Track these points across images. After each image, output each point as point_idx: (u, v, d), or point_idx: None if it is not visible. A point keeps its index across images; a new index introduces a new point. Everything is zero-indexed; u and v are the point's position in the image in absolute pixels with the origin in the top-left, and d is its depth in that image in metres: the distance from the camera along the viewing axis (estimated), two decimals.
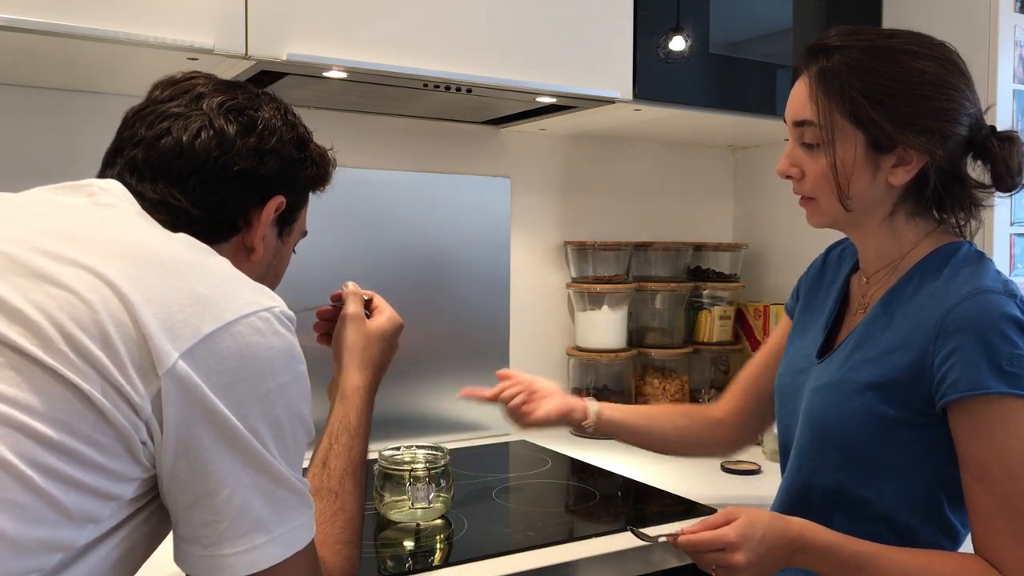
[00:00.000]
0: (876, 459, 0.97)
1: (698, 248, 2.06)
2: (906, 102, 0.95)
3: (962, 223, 1.03)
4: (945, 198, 1.01)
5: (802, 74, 1.02)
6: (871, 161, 0.98)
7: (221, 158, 0.79)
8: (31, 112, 1.42)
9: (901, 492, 0.97)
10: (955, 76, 0.98)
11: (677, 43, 1.54)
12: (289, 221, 0.89)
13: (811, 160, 1.01)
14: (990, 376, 0.88)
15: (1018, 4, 1.65)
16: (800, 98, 1.01)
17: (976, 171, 1.03)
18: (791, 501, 1.07)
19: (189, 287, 0.66)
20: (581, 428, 1.27)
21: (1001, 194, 1.02)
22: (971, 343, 0.89)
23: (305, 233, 0.95)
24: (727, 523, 0.95)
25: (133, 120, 0.82)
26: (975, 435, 0.90)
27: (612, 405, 1.31)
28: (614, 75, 1.50)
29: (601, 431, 1.28)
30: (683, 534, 0.97)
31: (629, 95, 1.52)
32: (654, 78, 1.54)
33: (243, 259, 0.84)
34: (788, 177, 1.05)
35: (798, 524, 0.95)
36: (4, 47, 1.15)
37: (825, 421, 1.01)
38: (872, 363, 0.98)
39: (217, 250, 0.77)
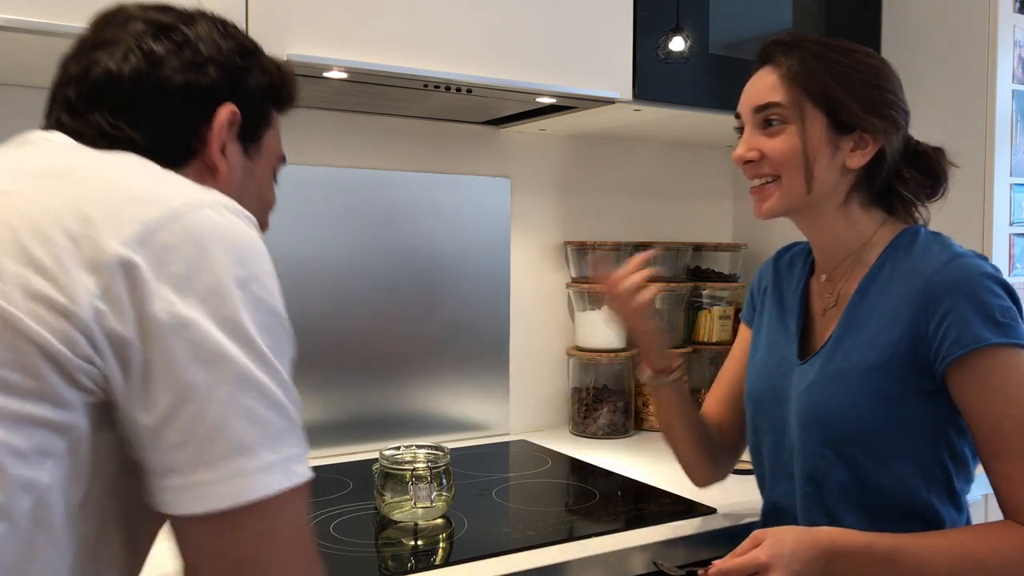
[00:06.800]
0: (888, 442, 0.98)
1: (698, 248, 2.06)
2: (866, 88, 1.02)
3: (915, 212, 1.08)
4: (892, 188, 1.07)
5: (761, 67, 1.08)
6: (831, 142, 1.02)
7: (153, 76, 0.73)
8: (30, 112, 1.41)
9: (917, 472, 0.98)
10: (895, 78, 1.06)
11: (677, 43, 1.54)
12: (253, 137, 0.82)
13: (772, 142, 1.04)
14: (986, 328, 0.92)
15: (1018, 4, 1.66)
16: (764, 84, 1.06)
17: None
18: (804, 504, 1.06)
19: (127, 186, 0.62)
20: (660, 373, 1.17)
21: (927, 202, 1.08)
22: (962, 302, 0.93)
23: (284, 159, 0.89)
24: (755, 547, 0.95)
25: (64, 63, 0.77)
26: (981, 392, 0.93)
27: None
28: (614, 75, 1.50)
29: (671, 391, 1.18)
30: (713, 566, 0.96)
31: (629, 95, 1.52)
32: (654, 78, 1.54)
33: (209, 181, 0.77)
34: (747, 161, 1.06)
35: (826, 532, 0.95)
36: (4, 47, 1.15)
37: (830, 416, 1.01)
38: (864, 348, 1.00)
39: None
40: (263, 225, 0.87)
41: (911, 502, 0.99)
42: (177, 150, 0.76)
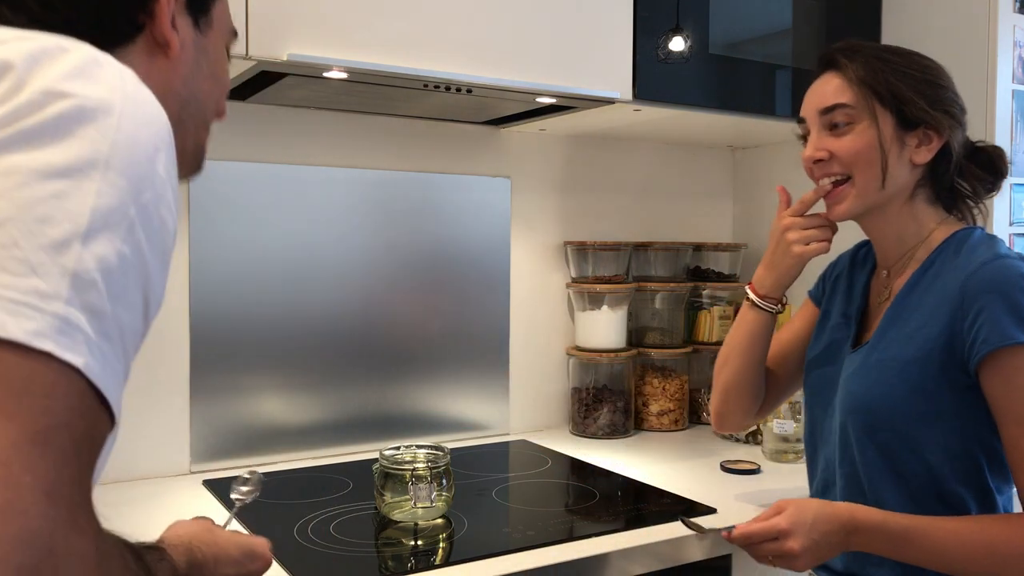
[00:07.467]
0: (922, 432, 1.01)
1: (698, 248, 2.06)
2: (929, 86, 1.06)
3: (973, 211, 1.11)
4: (954, 185, 1.10)
5: (824, 73, 1.11)
6: (899, 138, 1.06)
7: None
8: None
9: (947, 463, 1.01)
10: (951, 79, 1.10)
11: (677, 43, 1.54)
12: (202, 8, 0.76)
13: (840, 142, 1.07)
14: (1016, 328, 0.94)
15: (1018, 4, 1.66)
16: (830, 87, 1.09)
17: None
18: (843, 484, 1.09)
19: None
20: (766, 299, 1.21)
21: (985, 198, 1.12)
22: (995, 301, 0.95)
23: (235, 33, 0.83)
24: (777, 515, 1.00)
25: None
26: (1008, 388, 0.95)
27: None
28: (614, 75, 1.50)
29: (766, 318, 1.22)
30: (736, 528, 1.01)
31: (629, 95, 1.52)
32: (654, 78, 1.54)
33: (160, 59, 0.71)
34: (817, 161, 1.09)
35: (845, 506, 1.00)
36: None
37: (870, 402, 1.05)
38: (905, 341, 1.03)
39: (123, 56, 0.63)
40: (220, 111, 0.82)
41: (940, 490, 1.01)
42: (121, 27, 0.68)
